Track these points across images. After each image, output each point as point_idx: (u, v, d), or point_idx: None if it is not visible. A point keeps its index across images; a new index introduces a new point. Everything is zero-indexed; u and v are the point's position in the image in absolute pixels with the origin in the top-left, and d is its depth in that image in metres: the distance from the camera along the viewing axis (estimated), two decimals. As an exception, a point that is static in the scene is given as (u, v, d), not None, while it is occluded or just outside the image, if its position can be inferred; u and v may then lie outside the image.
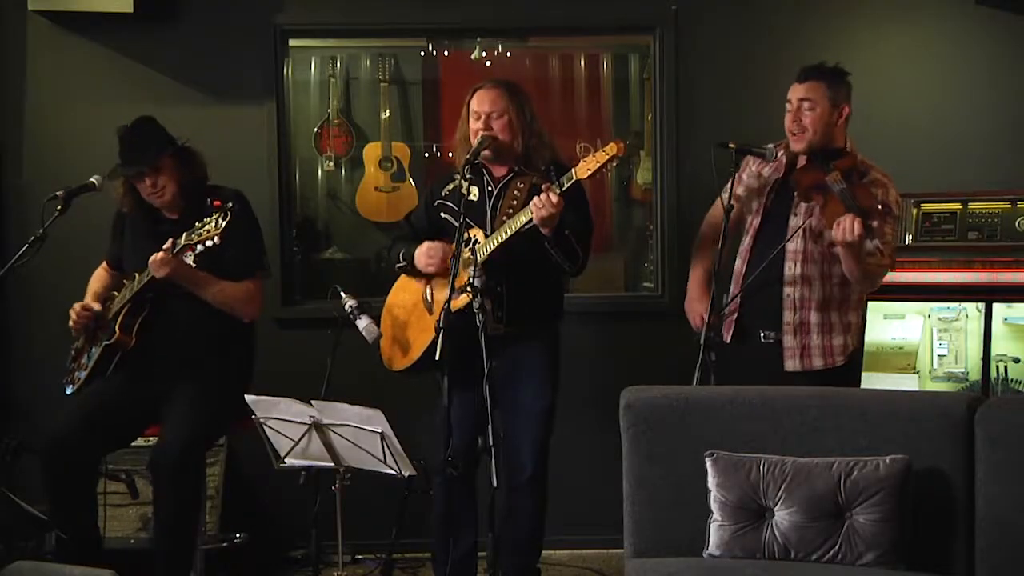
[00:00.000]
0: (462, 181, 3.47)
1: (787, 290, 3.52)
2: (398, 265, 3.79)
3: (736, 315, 3.63)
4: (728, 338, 3.64)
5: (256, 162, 4.53)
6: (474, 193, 3.66)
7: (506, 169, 3.68)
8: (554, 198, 3.34)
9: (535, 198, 3.38)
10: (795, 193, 3.49)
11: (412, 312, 3.77)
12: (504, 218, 3.54)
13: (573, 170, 3.40)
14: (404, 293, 3.83)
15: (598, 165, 3.35)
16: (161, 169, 3.60)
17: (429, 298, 3.72)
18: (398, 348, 3.77)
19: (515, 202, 3.55)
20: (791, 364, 3.51)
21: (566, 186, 3.40)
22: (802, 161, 3.55)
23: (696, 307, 3.74)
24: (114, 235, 3.85)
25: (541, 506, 3.74)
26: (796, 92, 3.53)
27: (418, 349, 3.67)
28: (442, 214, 3.75)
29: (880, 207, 3.31)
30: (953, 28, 4.59)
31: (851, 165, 3.43)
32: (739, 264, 3.67)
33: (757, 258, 3.58)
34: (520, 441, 3.65)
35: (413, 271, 3.76)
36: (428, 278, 3.74)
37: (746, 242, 3.66)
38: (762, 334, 3.57)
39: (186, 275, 3.54)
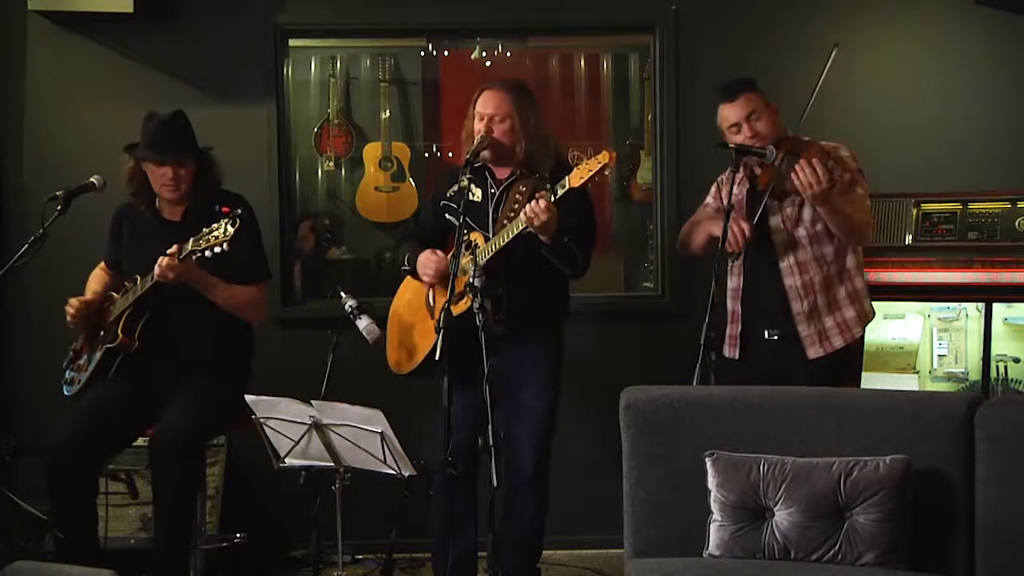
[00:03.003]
0: (466, 181, 3.47)
1: (787, 281, 3.56)
2: (403, 267, 3.80)
3: (739, 329, 3.68)
4: (736, 354, 3.69)
5: (256, 162, 4.53)
6: (477, 194, 3.67)
7: (509, 171, 3.67)
8: (543, 204, 3.34)
9: (528, 205, 3.38)
10: (765, 197, 3.55)
11: (416, 315, 3.78)
12: (505, 221, 3.53)
13: (567, 178, 3.40)
14: (410, 295, 3.83)
15: (590, 173, 3.35)
16: (185, 165, 3.63)
17: (431, 301, 3.72)
18: (404, 352, 3.77)
19: (516, 205, 3.54)
20: (813, 351, 3.55)
21: (559, 194, 3.39)
22: (758, 170, 3.63)
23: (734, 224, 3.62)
24: (112, 234, 3.85)
25: (541, 507, 3.74)
26: (736, 112, 3.60)
27: (422, 352, 3.67)
28: (447, 215, 3.75)
29: (835, 162, 3.40)
30: (953, 28, 4.59)
31: (792, 143, 3.52)
32: (735, 282, 3.71)
33: (751, 269, 3.64)
34: (521, 442, 3.65)
35: (417, 274, 3.77)
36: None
37: (738, 260, 3.69)
38: (766, 333, 3.61)
39: (197, 279, 3.55)
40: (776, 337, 3.60)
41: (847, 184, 3.43)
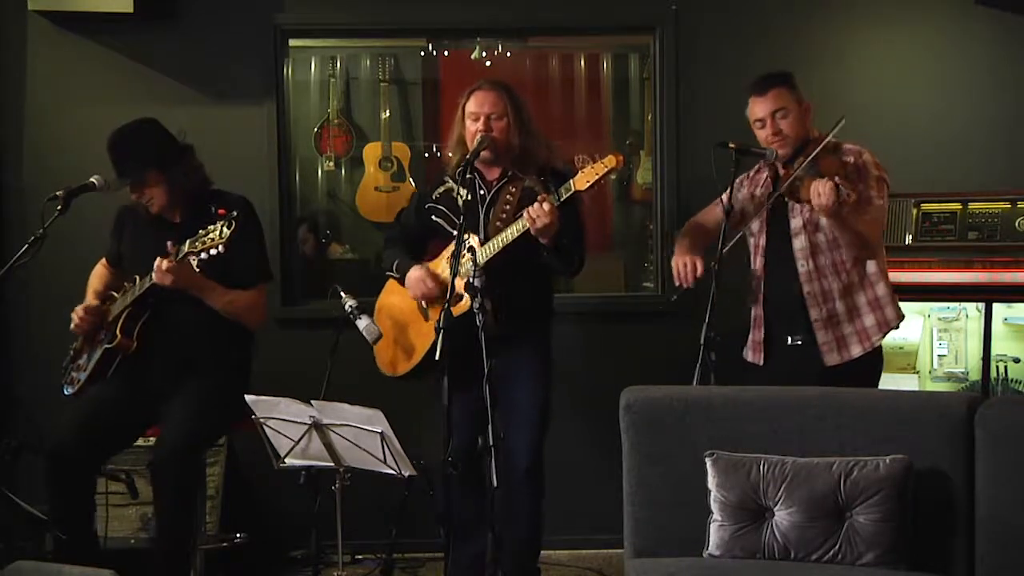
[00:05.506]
0: (454, 184, 3.47)
1: (806, 288, 3.53)
2: (389, 273, 3.79)
3: (763, 335, 3.65)
4: (760, 360, 3.66)
5: (256, 162, 4.53)
6: (466, 196, 3.66)
7: (499, 172, 3.67)
8: (547, 207, 3.34)
9: (529, 208, 3.37)
10: (786, 199, 3.52)
11: (407, 316, 3.77)
12: (498, 222, 3.53)
13: (572, 181, 3.40)
14: (396, 296, 3.82)
15: (596, 177, 3.34)
16: (147, 181, 3.59)
17: (424, 304, 3.71)
18: (400, 351, 3.77)
19: (508, 206, 3.55)
20: (831, 359, 3.52)
21: (564, 197, 3.39)
22: (783, 171, 3.58)
23: (682, 258, 3.60)
24: (115, 232, 3.84)
25: (539, 504, 3.73)
26: (764, 106, 3.56)
27: (419, 353, 3.67)
28: (433, 217, 3.75)
29: (856, 168, 3.38)
30: (953, 28, 4.59)
31: (814, 147, 3.45)
32: (756, 285, 3.69)
33: (772, 273, 3.62)
34: (516, 440, 3.64)
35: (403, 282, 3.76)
36: None
37: (758, 262, 3.68)
38: (789, 339, 3.59)
39: (195, 284, 3.53)
40: (800, 343, 3.57)
41: (859, 201, 3.37)
